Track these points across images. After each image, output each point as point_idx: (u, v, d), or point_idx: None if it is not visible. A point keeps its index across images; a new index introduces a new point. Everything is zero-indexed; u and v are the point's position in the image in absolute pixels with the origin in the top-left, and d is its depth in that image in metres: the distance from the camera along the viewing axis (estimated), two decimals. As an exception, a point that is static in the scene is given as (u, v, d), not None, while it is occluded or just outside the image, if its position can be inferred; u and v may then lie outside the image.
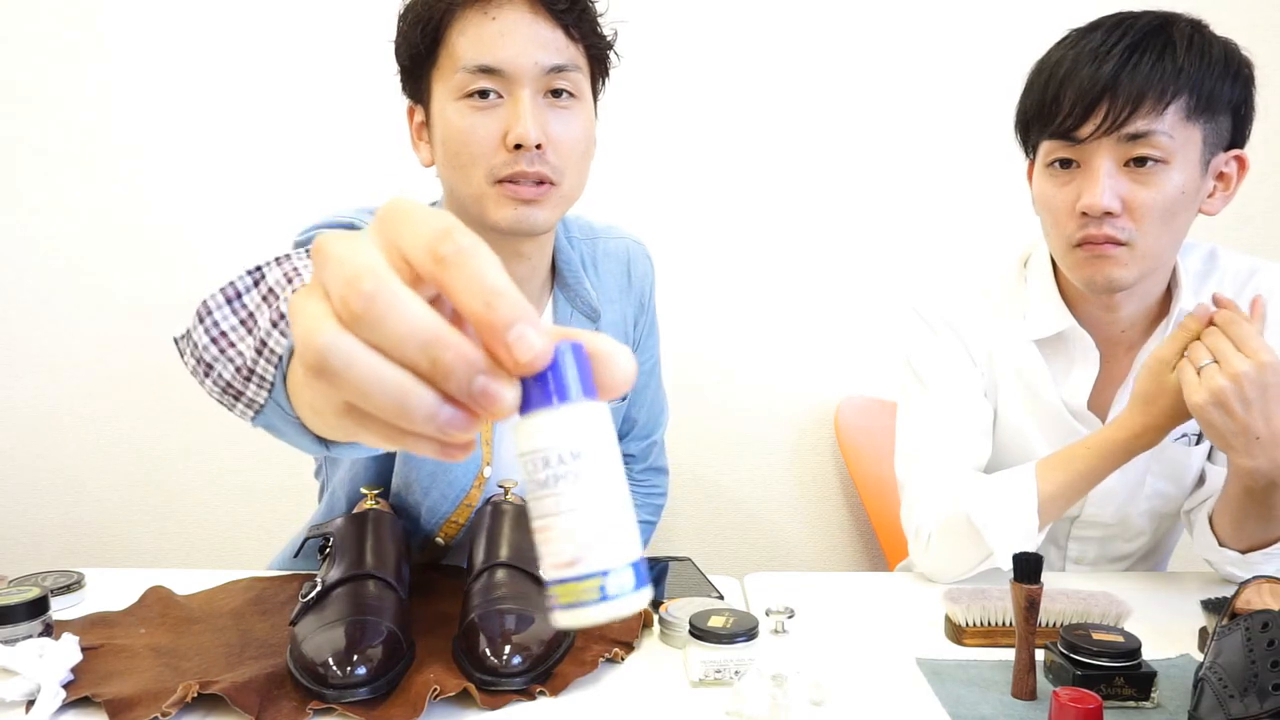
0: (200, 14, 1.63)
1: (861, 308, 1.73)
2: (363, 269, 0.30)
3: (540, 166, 0.88)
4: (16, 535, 1.77)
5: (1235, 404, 0.82)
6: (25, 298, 1.69)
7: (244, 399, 0.57)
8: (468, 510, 1.01)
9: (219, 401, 0.59)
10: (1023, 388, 1.06)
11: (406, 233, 0.31)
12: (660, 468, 1.30)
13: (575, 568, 0.31)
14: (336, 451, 0.58)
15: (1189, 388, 0.84)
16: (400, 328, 0.29)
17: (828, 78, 1.67)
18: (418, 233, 0.31)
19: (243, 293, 0.59)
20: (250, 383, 0.56)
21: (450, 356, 0.30)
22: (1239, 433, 0.83)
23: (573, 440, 0.31)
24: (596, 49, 0.94)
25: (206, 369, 0.58)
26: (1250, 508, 0.91)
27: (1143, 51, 0.87)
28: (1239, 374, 0.81)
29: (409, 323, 0.29)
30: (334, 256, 0.31)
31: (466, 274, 0.30)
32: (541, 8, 0.87)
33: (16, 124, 1.65)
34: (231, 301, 0.58)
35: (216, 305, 0.58)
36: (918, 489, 1.04)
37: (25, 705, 0.68)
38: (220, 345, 0.57)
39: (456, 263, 0.30)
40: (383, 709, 0.68)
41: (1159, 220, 0.89)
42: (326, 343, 0.30)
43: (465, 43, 0.87)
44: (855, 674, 0.78)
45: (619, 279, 1.13)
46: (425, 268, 0.30)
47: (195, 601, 0.90)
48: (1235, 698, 0.64)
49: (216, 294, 0.59)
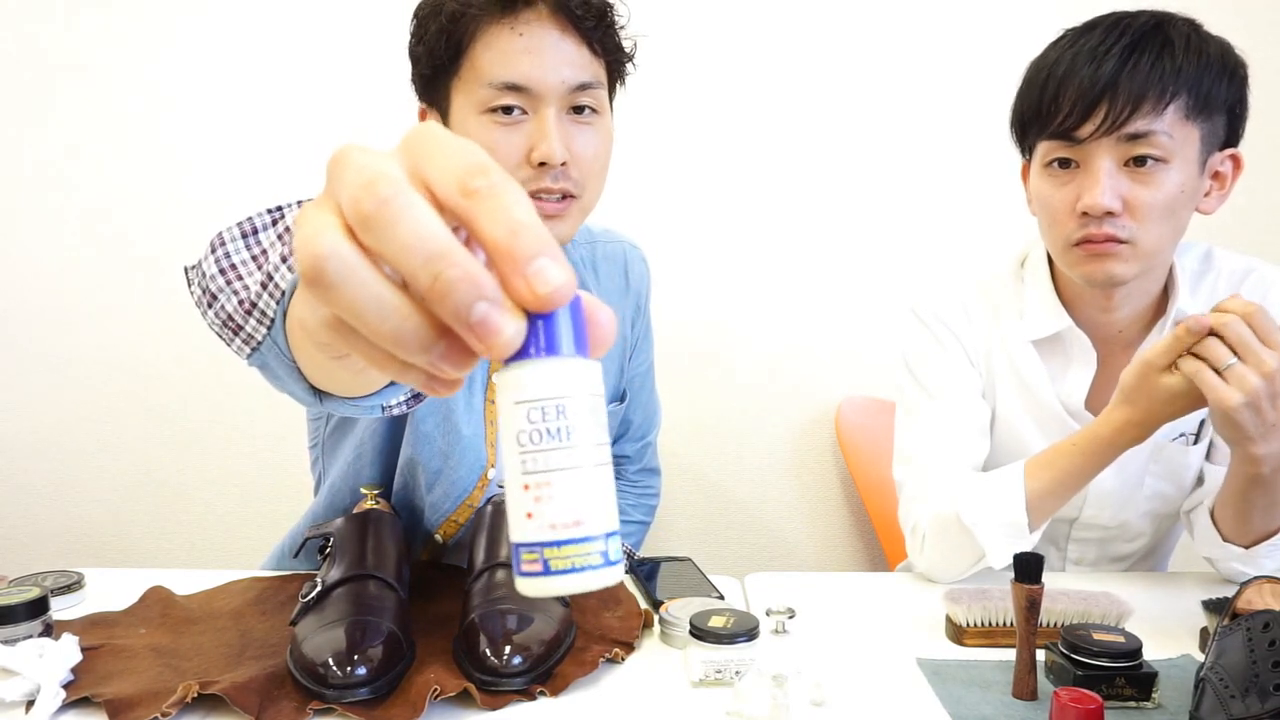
0: (200, 13, 1.63)
1: (861, 308, 1.73)
2: (381, 174, 0.28)
3: (564, 183, 0.89)
4: (16, 535, 1.77)
5: (1265, 401, 0.80)
6: (25, 298, 1.69)
7: (242, 334, 0.56)
8: (469, 510, 1.01)
9: (218, 335, 0.58)
10: (1020, 388, 1.06)
11: (437, 160, 0.29)
12: (654, 469, 1.31)
13: (579, 529, 0.29)
14: (329, 405, 0.57)
15: (1218, 391, 0.80)
16: (409, 235, 0.27)
17: (826, 79, 1.67)
18: (449, 163, 0.29)
19: (259, 229, 0.58)
20: (250, 317, 0.56)
21: (455, 274, 0.27)
22: (1266, 425, 0.82)
23: (587, 390, 0.29)
24: (618, 62, 0.94)
25: (211, 299, 0.57)
26: (1256, 497, 0.90)
27: (1142, 51, 0.87)
28: (1272, 370, 0.79)
29: (419, 231, 0.27)
30: (353, 163, 0.29)
31: (495, 205, 0.28)
32: (569, 24, 0.87)
33: (17, 125, 1.65)
34: (246, 236, 0.58)
35: (231, 238, 0.58)
36: (914, 489, 1.04)
37: (25, 705, 0.68)
38: (228, 277, 0.57)
39: (487, 195, 0.28)
40: (383, 709, 0.68)
41: (1159, 219, 0.90)
42: (327, 249, 0.28)
43: (491, 57, 0.86)
44: (856, 674, 0.78)
45: (617, 281, 1.14)
46: (451, 199, 0.29)
47: (195, 601, 0.90)
48: (1236, 698, 0.64)
49: (233, 227, 0.58)
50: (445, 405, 0.97)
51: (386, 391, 0.59)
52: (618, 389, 1.16)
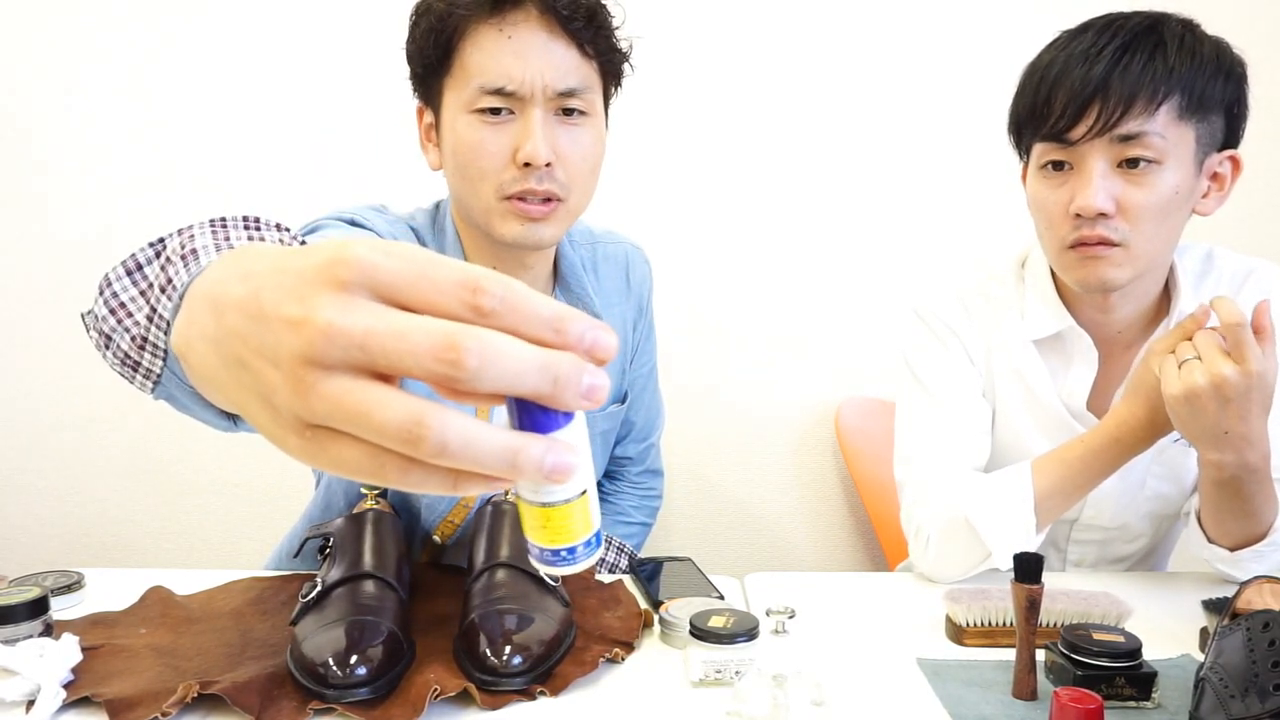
0: (201, 12, 1.63)
1: (861, 309, 1.73)
2: (461, 334, 0.31)
3: (549, 184, 0.89)
4: (16, 535, 1.77)
5: (1210, 403, 0.81)
6: (26, 298, 1.69)
7: (141, 369, 0.57)
8: (464, 510, 1.01)
9: (120, 374, 0.58)
10: (1022, 388, 1.06)
11: (421, 291, 0.32)
12: (657, 470, 1.31)
13: (572, 540, 0.36)
14: (244, 427, 0.57)
15: (1167, 379, 0.84)
16: (507, 366, 0.31)
17: (827, 80, 1.67)
18: (442, 293, 0.32)
19: (143, 264, 0.58)
20: (145, 352, 0.56)
21: (566, 367, 0.32)
22: (1208, 428, 0.83)
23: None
24: (611, 64, 0.94)
25: (106, 340, 0.57)
26: (1222, 501, 0.91)
27: (1134, 52, 0.87)
28: (1222, 377, 0.80)
29: (515, 360, 0.31)
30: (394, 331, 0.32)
31: (521, 316, 0.32)
32: (557, 25, 0.86)
33: (17, 125, 1.65)
34: (132, 273, 0.58)
35: (116, 277, 0.58)
36: (917, 490, 1.04)
37: (25, 705, 0.68)
38: (118, 316, 0.57)
39: (504, 312, 0.32)
40: (383, 709, 0.68)
41: (1153, 221, 0.89)
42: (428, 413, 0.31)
43: (479, 57, 0.86)
44: (856, 674, 0.78)
45: (618, 283, 1.14)
46: (467, 320, 0.32)
47: (195, 601, 0.90)
48: (1236, 698, 0.64)
49: (118, 266, 0.58)
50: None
51: None
52: (619, 390, 1.16)
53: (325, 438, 0.33)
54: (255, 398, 0.35)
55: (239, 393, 0.36)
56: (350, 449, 0.33)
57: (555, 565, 0.36)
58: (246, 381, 0.35)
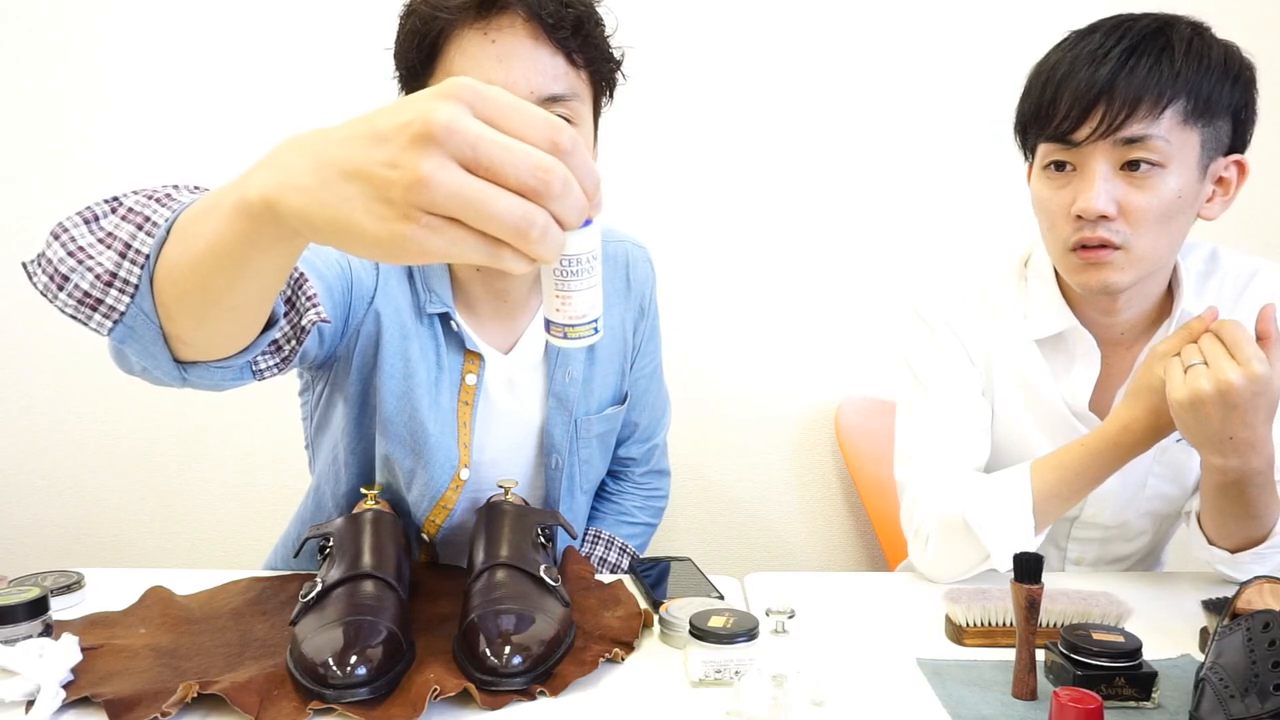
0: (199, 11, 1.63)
1: (861, 308, 1.73)
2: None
3: None
4: (16, 535, 1.77)
5: (1214, 409, 0.81)
6: (26, 298, 1.69)
7: (103, 307, 0.59)
8: (444, 511, 1.01)
9: (73, 316, 0.60)
10: (1023, 388, 1.06)
11: (515, 122, 0.43)
12: (662, 470, 1.30)
13: (585, 318, 0.52)
14: (194, 376, 0.63)
15: (1172, 384, 0.84)
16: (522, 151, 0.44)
17: (827, 80, 1.67)
18: (530, 124, 0.43)
19: (100, 216, 0.61)
20: (111, 289, 0.58)
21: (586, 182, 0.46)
22: (1213, 434, 0.83)
23: (594, 246, 0.50)
24: (601, 74, 0.93)
25: (62, 281, 0.59)
26: (1225, 505, 0.91)
27: (1140, 54, 0.87)
28: (1228, 383, 0.80)
29: (577, 196, 0.46)
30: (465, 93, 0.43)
31: (580, 160, 0.44)
32: (542, 33, 0.85)
33: (17, 123, 1.65)
34: (89, 222, 0.61)
35: (73, 224, 0.61)
36: (916, 490, 1.04)
37: (25, 705, 0.68)
38: (78, 258, 0.59)
39: (573, 154, 0.44)
40: (383, 709, 0.68)
41: (1154, 224, 0.89)
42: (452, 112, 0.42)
43: (463, 61, 0.86)
44: (855, 674, 0.78)
45: (618, 283, 1.12)
46: (545, 149, 0.43)
47: (195, 601, 0.90)
48: (1236, 698, 0.64)
49: (73, 216, 0.61)
50: (409, 403, 0.97)
51: (252, 348, 0.64)
52: (619, 391, 1.15)
53: (439, 224, 0.42)
54: (364, 202, 0.43)
55: (344, 203, 0.44)
56: (460, 230, 0.42)
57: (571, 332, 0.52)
58: (354, 191, 0.43)
